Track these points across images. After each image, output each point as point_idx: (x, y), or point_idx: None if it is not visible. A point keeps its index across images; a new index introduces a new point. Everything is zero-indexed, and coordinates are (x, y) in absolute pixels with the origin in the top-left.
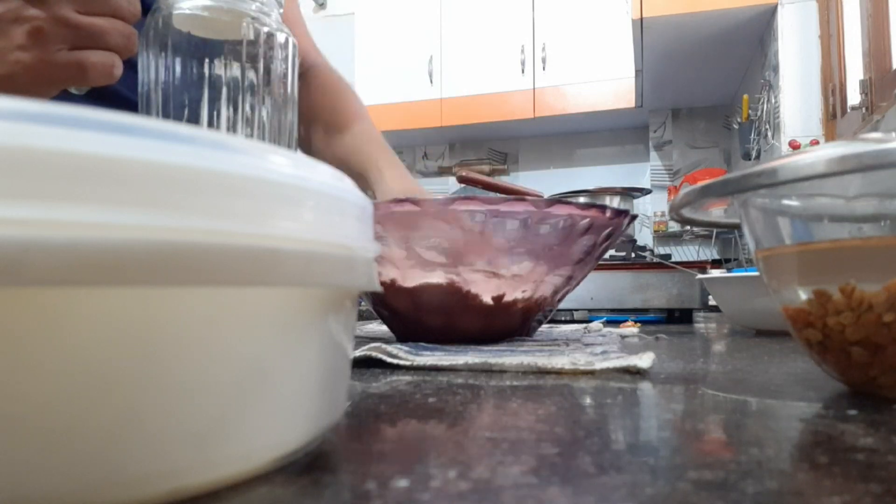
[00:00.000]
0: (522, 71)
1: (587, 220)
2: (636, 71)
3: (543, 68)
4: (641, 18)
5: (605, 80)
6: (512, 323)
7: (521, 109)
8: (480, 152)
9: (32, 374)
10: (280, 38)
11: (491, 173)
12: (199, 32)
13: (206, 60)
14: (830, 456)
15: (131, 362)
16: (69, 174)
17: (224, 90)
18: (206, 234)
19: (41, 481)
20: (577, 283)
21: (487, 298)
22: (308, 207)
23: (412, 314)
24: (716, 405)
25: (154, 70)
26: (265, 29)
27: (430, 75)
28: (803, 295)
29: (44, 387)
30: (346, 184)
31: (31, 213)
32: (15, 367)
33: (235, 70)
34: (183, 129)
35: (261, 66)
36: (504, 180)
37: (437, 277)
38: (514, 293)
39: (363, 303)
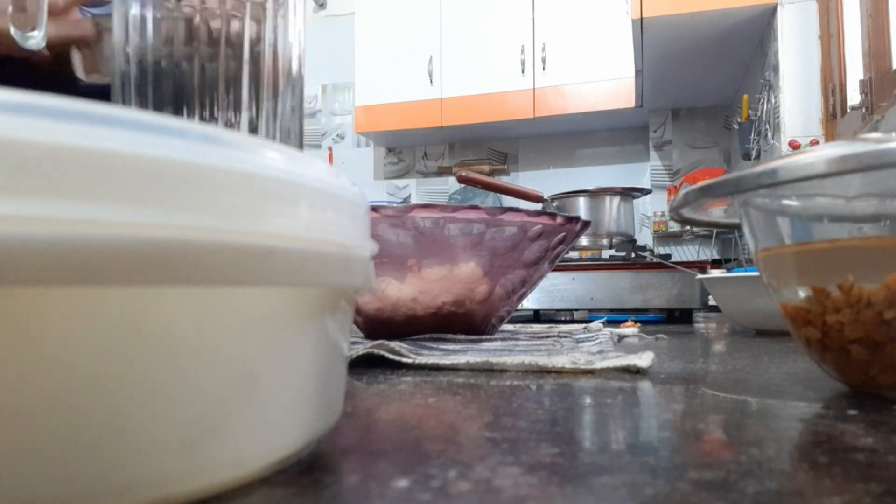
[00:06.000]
0: (522, 71)
1: (538, 226)
2: (636, 71)
3: (543, 68)
4: (641, 18)
5: (605, 80)
6: (473, 322)
7: (521, 109)
8: (480, 152)
9: (12, 379)
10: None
11: (491, 173)
12: None
13: (201, 27)
14: (830, 456)
15: (117, 365)
16: (51, 168)
17: (223, 59)
18: (197, 231)
19: (24, 490)
20: (535, 285)
21: (446, 300)
22: (303, 204)
23: (379, 316)
24: (716, 405)
25: (134, 34)
26: None
27: (430, 75)
28: (803, 295)
29: (25, 392)
30: (341, 180)
31: (9, 208)
32: None
33: (236, 39)
34: (172, 121)
35: (267, 35)
36: (504, 180)
37: (397, 281)
38: (471, 295)
39: None
